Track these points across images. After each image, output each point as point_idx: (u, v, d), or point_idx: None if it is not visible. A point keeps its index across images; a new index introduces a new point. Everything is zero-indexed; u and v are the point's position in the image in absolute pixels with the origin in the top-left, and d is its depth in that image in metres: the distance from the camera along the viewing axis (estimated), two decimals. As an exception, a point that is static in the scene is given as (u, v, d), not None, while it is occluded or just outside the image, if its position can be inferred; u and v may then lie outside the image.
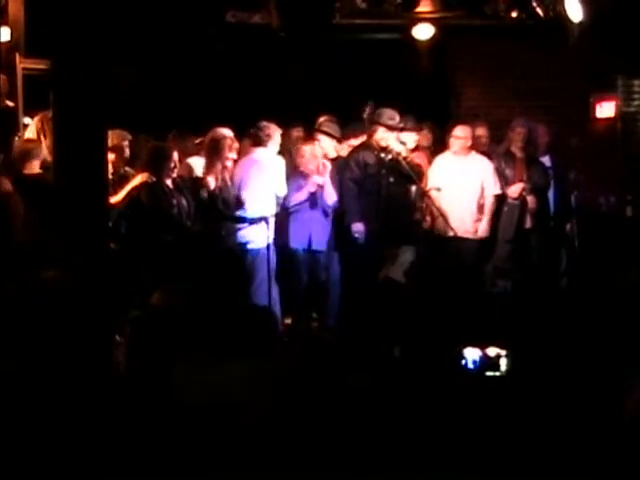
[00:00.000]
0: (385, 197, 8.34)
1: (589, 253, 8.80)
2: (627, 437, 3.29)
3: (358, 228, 8.28)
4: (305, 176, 8.32)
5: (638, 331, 6.08)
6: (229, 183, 7.98)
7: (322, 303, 8.30)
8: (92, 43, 5.96)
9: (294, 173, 8.37)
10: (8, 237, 6.39)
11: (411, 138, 8.81)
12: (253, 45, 9.42)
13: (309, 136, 8.71)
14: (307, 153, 8.36)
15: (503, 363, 5.24)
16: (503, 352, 5.25)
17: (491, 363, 5.25)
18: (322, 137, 8.63)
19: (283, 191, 8.17)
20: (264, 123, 8.16)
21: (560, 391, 4.75)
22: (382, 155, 8.37)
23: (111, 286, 5.47)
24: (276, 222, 8.07)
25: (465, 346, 5.25)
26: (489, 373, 5.18)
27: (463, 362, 5.22)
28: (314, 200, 8.31)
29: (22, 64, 7.74)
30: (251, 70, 9.68)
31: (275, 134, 8.16)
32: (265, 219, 7.87)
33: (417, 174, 8.41)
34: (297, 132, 8.77)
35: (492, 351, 5.30)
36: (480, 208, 8.72)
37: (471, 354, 5.28)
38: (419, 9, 9.13)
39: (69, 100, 6.01)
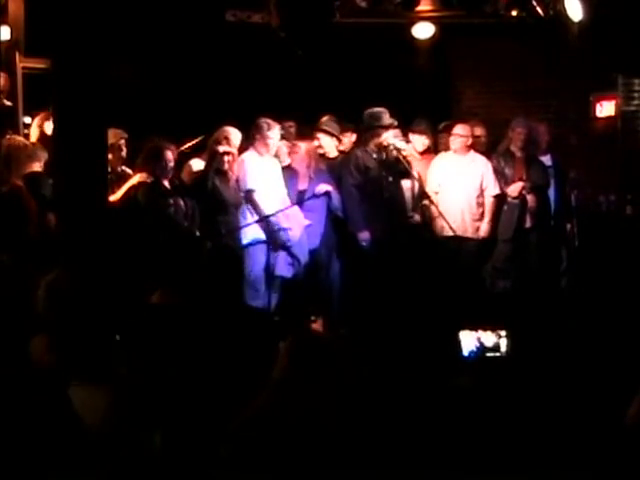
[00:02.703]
0: (387, 199, 8.35)
1: (589, 252, 8.80)
2: (627, 444, 3.29)
3: (365, 236, 8.26)
4: (296, 173, 8.32)
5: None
6: (228, 182, 7.97)
7: (323, 302, 8.30)
8: (92, 42, 5.95)
9: (285, 170, 8.36)
10: (22, 232, 6.43)
11: (421, 141, 8.82)
12: (253, 45, 9.41)
13: (308, 134, 8.71)
14: (302, 150, 8.36)
15: (503, 344, 5.26)
16: (502, 333, 5.26)
17: (489, 348, 5.27)
18: (322, 136, 8.63)
19: (281, 190, 8.16)
20: (262, 120, 8.14)
21: (560, 391, 4.75)
22: (382, 155, 8.37)
23: (111, 285, 5.47)
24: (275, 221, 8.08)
25: (461, 330, 5.26)
26: (489, 354, 5.20)
27: (460, 349, 5.24)
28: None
29: (22, 63, 7.73)
30: (251, 69, 9.67)
31: (273, 131, 8.13)
32: (265, 218, 7.86)
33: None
34: (289, 127, 8.72)
35: (489, 339, 5.30)
36: (480, 207, 8.72)
37: (468, 342, 5.30)
38: (419, 8, 9.12)
39: (69, 99, 6.01)
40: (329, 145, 8.63)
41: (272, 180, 8.12)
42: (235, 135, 8.01)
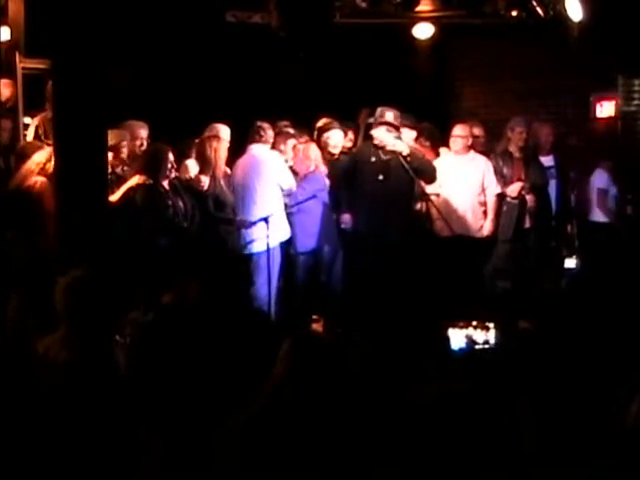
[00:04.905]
0: (370, 192, 8.32)
1: (589, 252, 8.80)
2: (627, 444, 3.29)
3: (345, 219, 8.35)
4: (296, 175, 8.34)
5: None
6: (222, 182, 7.95)
7: (324, 303, 8.30)
8: (92, 43, 5.96)
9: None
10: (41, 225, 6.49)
11: (408, 135, 8.81)
12: (253, 45, 9.42)
13: (306, 135, 8.72)
14: (301, 153, 8.38)
15: (491, 336, 5.27)
16: (491, 325, 5.27)
17: (479, 343, 5.29)
18: (334, 132, 8.60)
19: (288, 184, 8.15)
20: (263, 124, 8.16)
21: (558, 390, 4.74)
22: (380, 154, 8.37)
23: (111, 286, 5.48)
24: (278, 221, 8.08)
25: (451, 327, 5.27)
26: (478, 346, 5.22)
27: (449, 345, 5.26)
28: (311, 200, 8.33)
29: (22, 64, 7.75)
30: (251, 70, 9.68)
31: (269, 132, 8.18)
32: (265, 218, 7.85)
33: (421, 173, 8.37)
34: (284, 126, 8.71)
35: (479, 336, 5.31)
36: (482, 206, 8.73)
37: (457, 339, 5.31)
38: (419, 8, 9.11)
39: (69, 100, 6.02)
40: (339, 140, 8.60)
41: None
42: (225, 132, 8.00)
